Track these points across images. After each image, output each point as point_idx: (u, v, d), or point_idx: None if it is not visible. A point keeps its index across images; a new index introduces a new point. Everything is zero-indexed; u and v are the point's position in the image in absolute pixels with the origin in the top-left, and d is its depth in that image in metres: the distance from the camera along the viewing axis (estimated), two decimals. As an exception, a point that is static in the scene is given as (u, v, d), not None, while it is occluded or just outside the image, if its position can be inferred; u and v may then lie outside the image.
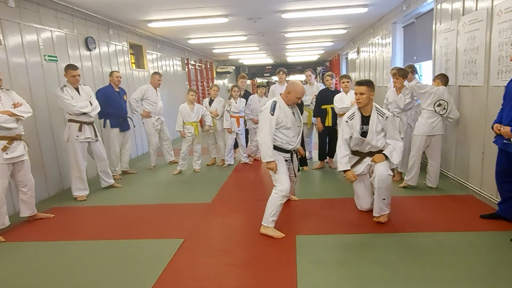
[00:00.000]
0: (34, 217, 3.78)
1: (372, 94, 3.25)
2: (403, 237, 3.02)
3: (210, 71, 13.88)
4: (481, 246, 2.79)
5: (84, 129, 4.34)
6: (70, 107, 4.20)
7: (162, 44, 8.89)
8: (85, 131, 4.34)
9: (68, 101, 4.19)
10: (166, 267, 2.70)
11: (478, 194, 3.82)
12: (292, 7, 6.11)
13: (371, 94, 3.25)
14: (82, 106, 4.26)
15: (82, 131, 4.32)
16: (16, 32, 4.23)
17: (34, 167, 3.96)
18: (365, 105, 3.26)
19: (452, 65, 4.32)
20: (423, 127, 4.05)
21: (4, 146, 3.32)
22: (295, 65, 19.51)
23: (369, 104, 3.27)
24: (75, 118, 4.29)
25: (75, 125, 4.30)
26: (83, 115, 4.30)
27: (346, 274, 2.50)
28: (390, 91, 4.59)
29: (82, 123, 4.32)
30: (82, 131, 4.32)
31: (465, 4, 3.98)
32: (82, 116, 4.30)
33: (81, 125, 4.31)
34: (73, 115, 4.26)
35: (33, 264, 2.87)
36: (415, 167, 4.17)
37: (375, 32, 8.25)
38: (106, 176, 4.83)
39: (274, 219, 3.18)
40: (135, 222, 3.70)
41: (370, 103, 3.28)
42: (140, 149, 7.35)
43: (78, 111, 4.23)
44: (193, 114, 5.54)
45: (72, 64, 4.40)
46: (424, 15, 5.68)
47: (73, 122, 4.31)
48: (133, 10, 5.73)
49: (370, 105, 3.28)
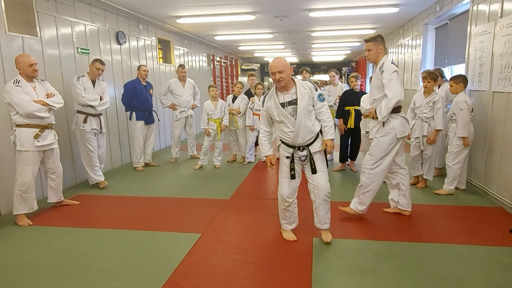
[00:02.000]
0: (60, 203, 3.95)
1: (381, 48, 3.23)
2: (424, 248, 2.91)
3: (235, 68, 13.95)
4: (508, 263, 2.64)
5: (90, 120, 4.43)
6: (79, 97, 4.30)
7: (189, 40, 9.01)
8: (91, 122, 4.44)
9: (79, 91, 4.30)
10: (182, 260, 2.74)
11: (509, 207, 3.64)
12: (320, 5, 6.03)
13: (379, 48, 3.23)
14: (90, 99, 4.35)
15: (87, 122, 4.42)
16: (52, 25, 4.41)
17: (63, 155, 4.13)
18: (375, 61, 3.29)
19: (486, 70, 4.12)
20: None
21: (36, 134, 3.47)
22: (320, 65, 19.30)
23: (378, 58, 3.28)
24: (82, 109, 4.40)
25: (81, 116, 4.41)
26: (89, 107, 4.39)
27: (361, 282, 2.45)
28: (418, 95, 4.43)
29: (88, 115, 4.42)
30: (88, 122, 4.42)
31: (504, 6, 3.78)
32: (89, 108, 4.40)
33: (87, 117, 4.41)
34: (80, 105, 4.37)
35: (56, 248, 3.00)
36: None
37: (405, 33, 8.00)
38: (92, 172, 4.59)
39: (283, 222, 3.12)
40: (155, 214, 3.78)
41: (379, 57, 3.26)
42: (163, 142, 7.50)
43: (84, 102, 4.32)
44: (216, 111, 5.59)
45: (101, 59, 4.54)
46: (458, 16, 5.45)
47: (80, 113, 4.42)
48: (162, 6, 5.84)
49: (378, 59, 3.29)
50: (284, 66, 2.76)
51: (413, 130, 4.42)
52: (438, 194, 4.19)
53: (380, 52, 3.23)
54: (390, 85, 3.12)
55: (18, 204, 3.47)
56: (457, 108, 4.00)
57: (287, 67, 2.76)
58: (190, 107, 6.13)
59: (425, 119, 4.29)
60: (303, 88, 2.82)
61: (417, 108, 4.36)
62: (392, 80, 3.12)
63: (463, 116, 3.94)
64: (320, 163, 2.90)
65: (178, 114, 6.04)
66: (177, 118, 6.06)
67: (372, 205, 3.54)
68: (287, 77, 2.77)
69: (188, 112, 6.10)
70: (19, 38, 3.94)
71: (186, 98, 6.05)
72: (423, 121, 4.30)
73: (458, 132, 4.00)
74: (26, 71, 3.43)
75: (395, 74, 3.13)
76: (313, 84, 2.95)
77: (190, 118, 6.18)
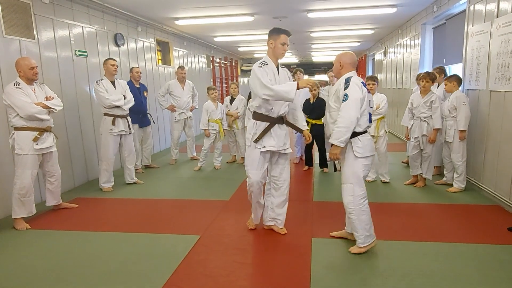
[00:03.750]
0: (59, 206, 3.95)
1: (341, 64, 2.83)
2: (422, 246, 2.92)
3: (235, 69, 13.96)
4: (507, 261, 2.65)
5: (118, 122, 4.48)
6: (104, 100, 4.36)
7: (188, 41, 9.02)
8: (118, 124, 4.48)
9: (102, 94, 4.36)
10: (181, 262, 2.74)
11: (507, 205, 3.64)
12: (319, 6, 6.04)
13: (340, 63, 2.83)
14: (115, 99, 4.40)
15: (115, 124, 4.45)
16: (49, 28, 4.42)
17: (61, 158, 4.14)
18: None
19: (483, 69, 4.13)
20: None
21: (35, 137, 3.47)
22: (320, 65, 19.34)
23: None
24: (109, 111, 4.44)
25: (109, 119, 4.45)
26: (116, 108, 4.43)
27: (360, 281, 2.45)
28: (415, 95, 4.47)
29: (116, 117, 4.46)
30: (116, 125, 4.46)
31: (500, 6, 3.79)
32: (116, 110, 4.44)
33: (115, 119, 4.45)
34: (106, 108, 4.41)
35: (55, 252, 3.00)
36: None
37: (403, 33, 8.01)
38: (132, 171, 4.88)
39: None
40: (154, 216, 3.78)
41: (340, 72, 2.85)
42: (163, 144, 7.51)
43: (111, 104, 4.37)
44: (217, 111, 5.60)
45: (110, 57, 4.64)
46: (455, 16, 5.46)
47: (107, 116, 4.46)
48: (161, 7, 5.85)
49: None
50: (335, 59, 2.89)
51: (412, 130, 4.45)
52: (452, 192, 4.23)
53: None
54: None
55: (17, 208, 3.46)
56: (459, 103, 4.09)
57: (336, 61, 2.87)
58: (189, 108, 6.13)
59: (423, 118, 4.31)
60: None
61: (415, 108, 4.38)
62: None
63: (465, 110, 4.03)
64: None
65: (177, 116, 6.04)
66: (176, 119, 6.06)
67: (370, 205, 3.53)
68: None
69: (187, 113, 6.10)
70: (16, 41, 3.94)
71: (186, 99, 6.05)
72: (422, 121, 4.32)
73: (461, 125, 4.06)
74: (27, 74, 3.43)
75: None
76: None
77: (189, 120, 6.18)
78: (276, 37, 2.94)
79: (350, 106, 2.60)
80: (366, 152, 2.73)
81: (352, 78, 2.70)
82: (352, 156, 2.72)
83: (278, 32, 2.96)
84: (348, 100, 2.61)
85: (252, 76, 2.92)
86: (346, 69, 2.80)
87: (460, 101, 4.08)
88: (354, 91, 2.63)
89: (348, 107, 2.61)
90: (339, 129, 2.63)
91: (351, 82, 2.67)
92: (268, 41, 3.00)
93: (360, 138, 2.72)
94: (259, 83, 2.85)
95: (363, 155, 2.71)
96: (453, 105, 4.15)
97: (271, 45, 2.98)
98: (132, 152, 4.79)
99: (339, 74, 2.85)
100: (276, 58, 3.02)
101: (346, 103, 2.62)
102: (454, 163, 4.25)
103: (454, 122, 4.17)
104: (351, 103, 2.61)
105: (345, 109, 2.62)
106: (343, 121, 2.61)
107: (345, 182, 2.78)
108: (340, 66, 2.82)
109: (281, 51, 2.98)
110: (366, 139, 2.74)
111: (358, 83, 2.69)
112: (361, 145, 2.70)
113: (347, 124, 2.60)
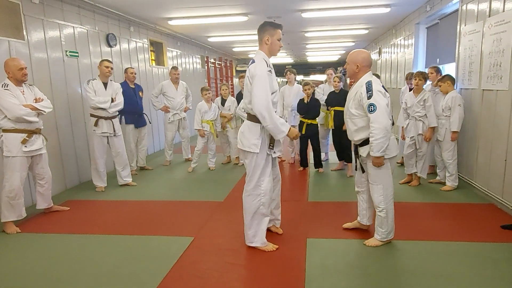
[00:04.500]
0: (50, 209, 3.90)
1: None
2: (416, 245, 2.91)
3: (230, 69, 13.93)
4: (500, 260, 2.65)
5: (101, 123, 4.43)
6: (89, 100, 4.35)
7: (182, 42, 8.98)
8: (102, 125, 4.44)
9: (89, 94, 4.34)
10: (174, 264, 2.71)
11: (499, 203, 3.65)
12: (313, 6, 6.03)
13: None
14: (100, 101, 4.35)
15: (98, 125, 4.42)
16: (39, 28, 4.36)
17: (52, 160, 4.08)
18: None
19: (476, 68, 4.14)
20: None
21: (23, 139, 3.42)
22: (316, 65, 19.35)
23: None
24: (93, 112, 4.41)
25: (92, 119, 4.44)
26: (100, 110, 4.39)
27: (355, 281, 2.44)
28: (408, 95, 4.48)
29: (99, 118, 4.41)
30: (99, 126, 4.42)
31: (492, 5, 3.81)
32: (99, 111, 4.40)
33: (98, 120, 4.41)
34: (91, 108, 4.39)
35: (46, 255, 2.95)
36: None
37: (397, 32, 8.04)
38: (123, 173, 4.83)
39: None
40: (148, 218, 3.74)
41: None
42: (157, 145, 7.45)
43: (95, 105, 4.34)
44: (210, 112, 5.56)
45: (107, 59, 4.60)
46: (448, 16, 5.48)
47: (92, 116, 4.45)
48: (154, 7, 5.81)
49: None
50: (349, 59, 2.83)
51: (407, 130, 4.46)
52: (445, 190, 4.25)
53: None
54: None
55: (6, 211, 3.41)
56: (454, 103, 4.09)
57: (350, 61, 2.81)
58: (183, 109, 6.09)
59: (418, 118, 4.31)
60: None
61: (409, 108, 4.38)
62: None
63: (460, 111, 4.05)
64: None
65: (171, 117, 6.00)
66: (170, 120, 6.02)
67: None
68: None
69: (181, 114, 6.06)
70: (5, 42, 3.88)
71: (179, 100, 6.01)
72: (417, 120, 4.32)
73: (454, 126, 4.07)
74: (16, 75, 3.38)
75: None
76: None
77: (183, 121, 6.14)
78: (273, 33, 2.75)
79: (381, 115, 2.60)
80: (392, 152, 2.79)
81: (373, 84, 2.67)
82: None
83: (274, 27, 2.76)
84: (377, 110, 2.60)
85: (259, 83, 2.66)
86: (363, 71, 2.77)
87: (455, 102, 4.09)
88: (380, 99, 2.62)
89: (379, 117, 2.60)
90: (377, 141, 2.62)
91: (373, 90, 2.64)
92: (263, 37, 2.77)
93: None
94: (265, 97, 2.63)
95: (389, 155, 2.77)
96: (448, 105, 4.15)
97: (267, 42, 2.76)
98: (120, 154, 4.71)
99: (356, 77, 2.81)
100: (272, 55, 2.84)
101: (376, 113, 2.60)
102: (445, 161, 4.27)
103: (447, 122, 4.18)
104: (380, 112, 2.60)
105: (377, 120, 2.60)
106: (380, 132, 2.60)
107: (375, 182, 2.83)
108: (356, 68, 2.77)
109: (277, 48, 2.80)
110: (392, 139, 2.77)
111: (381, 89, 2.68)
112: (389, 147, 2.72)
113: (384, 133, 2.61)
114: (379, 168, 2.77)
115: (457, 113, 4.05)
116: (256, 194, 2.81)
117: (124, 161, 4.80)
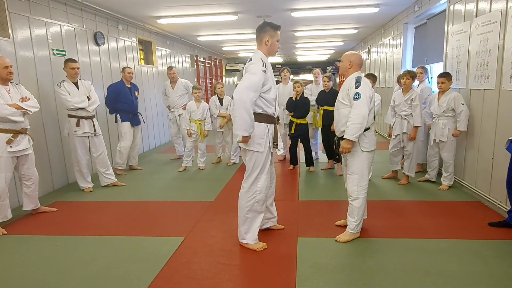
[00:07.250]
0: (37, 210, 3.81)
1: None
2: (406, 243, 2.95)
3: (220, 68, 13.87)
4: (488, 256, 2.70)
5: (83, 123, 4.35)
6: (66, 102, 4.22)
7: (171, 41, 8.90)
8: (83, 125, 4.35)
9: (64, 96, 4.20)
10: (164, 265, 2.68)
11: (487, 201, 3.72)
12: (302, 5, 6.04)
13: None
14: (77, 101, 4.24)
15: (80, 126, 4.33)
16: (25, 26, 4.26)
17: (39, 160, 3.99)
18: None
19: (463, 68, 4.21)
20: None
21: (8, 139, 3.34)
22: (305, 64, 19.41)
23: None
24: (73, 113, 4.31)
25: (73, 120, 4.31)
26: (80, 110, 4.30)
27: (346, 280, 2.45)
28: (397, 93, 4.54)
29: (80, 118, 4.32)
30: (81, 126, 4.33)
31: (479, 6, 3.87)
32: (80, 111, 4.31)
33: (79, 120, 4.32)
34: (70, 110, 4.28)
35: (33, 257, 2.89)
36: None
37: (386, 32, 8.12)
38: (107, 173, 4.73)
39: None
40: (137, 218, 3.70)
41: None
42: (146, 145, 7.38)
43: (73, 106, 4.23)
44: (198, 112, 5.52)
45: (71, 58, 4.41)
46: (436, 16, 5.56)
47: (71, 117, 4.33)
48: (142, 6, 5.74)
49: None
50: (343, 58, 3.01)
51: (393, 128, 4.52)
52: (443, 189, 4.26)
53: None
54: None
55: (-9, 213, 3.32)
56: (458, 103, 4.00)
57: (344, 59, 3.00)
58: (181, 107, 6.16)
59: (404, 116, 4.37)
60: None
61: (397, 106, 4.43)
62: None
63: (466, 110, 4.00)
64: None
65: (169, 114, 6.33)
66: (170, 117, 6.33)
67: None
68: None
69: (177, 112, 6.21)
70: (-10, 40, 3.79)
71: (174, 99, 6.21)
72: (403, 119, 4.38)
73: (463, 126, 3.99)
74: (1, 73, 3.31)
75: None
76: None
77: (180, 118, 6.16)
78: (273, 34, 2.80)
79: (364, 103, 2.76)
80: (371, 146, 2.93)
81: (362, 79, 2.86)
82: (359, 151, 2.90)
83: (274, 28, 2.81)
84: (361, 98, 2.76)
85: (248, 77, 2.67)
86: (355, 68, 2.96)
87: (458, 102, 3.99)
88: (366, 89, 2.79)
89: (361, 105, 2.76)
90: (354, 125, 2.75)
91: (362, 81, 2.83)
92: (263, 38, 2.78)
93: (366, 134, 2.88)
94: (247, 90, 2.62)
95: (368, 149, 2.91)
96: (450, 106, 4.06)
97: (267, 42, 2.79)
98: (102, 155, 4.61)
99: (347, 73, 3.00)
100: (270, 55, 2.89)
101: (360, 101, 2.76)
102: (445, 161, 4.25)
103: (448, 122, 4.12)
104: (364, 100, 2.76)
105: (358, 106, 2.76)
106: (358, 118, 2.75)
107: (352, 172, 2.95)
108: (349, 65, 2.96)
109: (276, 49, 2.89)
110: (371, 135, 2.94)
111: (368, 83, 2.89)
112: (367, 140, 2.89)
113: (361, 120, 2.75)
114: (359, 160, 2.90)
115: (465, 112, 3.96)
116: (252, 191, 2.83)
117: (106, 162, 4.69)
